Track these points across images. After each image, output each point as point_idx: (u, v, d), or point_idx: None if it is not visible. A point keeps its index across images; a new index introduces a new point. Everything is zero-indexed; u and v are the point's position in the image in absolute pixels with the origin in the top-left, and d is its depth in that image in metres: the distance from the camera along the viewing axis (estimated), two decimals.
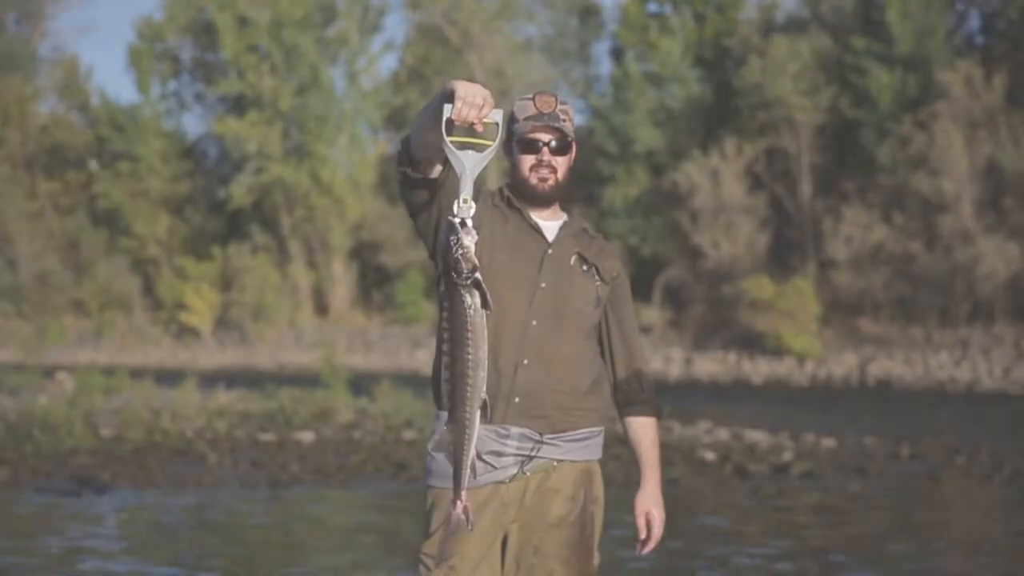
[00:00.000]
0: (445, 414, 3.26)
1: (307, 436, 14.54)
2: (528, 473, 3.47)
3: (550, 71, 50.48)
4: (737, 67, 45.02)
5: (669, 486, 10.98)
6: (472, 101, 3.14)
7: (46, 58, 59.89)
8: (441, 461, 3.41)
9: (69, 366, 30.64)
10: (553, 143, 3.52)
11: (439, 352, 3.34)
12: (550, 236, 3.55)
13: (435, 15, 50.91)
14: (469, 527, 3.23)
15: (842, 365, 39.26)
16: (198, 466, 12.72)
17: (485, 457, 3.39)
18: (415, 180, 3.42)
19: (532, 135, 3.52)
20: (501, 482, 3.45)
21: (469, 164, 3.18)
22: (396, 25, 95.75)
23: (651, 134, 45.91)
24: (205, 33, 53.34)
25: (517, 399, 3.44)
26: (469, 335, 3.12)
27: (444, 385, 3.21)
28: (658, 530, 3.58)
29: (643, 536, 3.58)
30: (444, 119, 3.17)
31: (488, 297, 3.12)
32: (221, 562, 8.34)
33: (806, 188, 43.81)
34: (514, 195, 3.56)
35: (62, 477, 11.80)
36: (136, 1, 77.47)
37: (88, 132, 56.70)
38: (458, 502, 3.20)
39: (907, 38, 41.47)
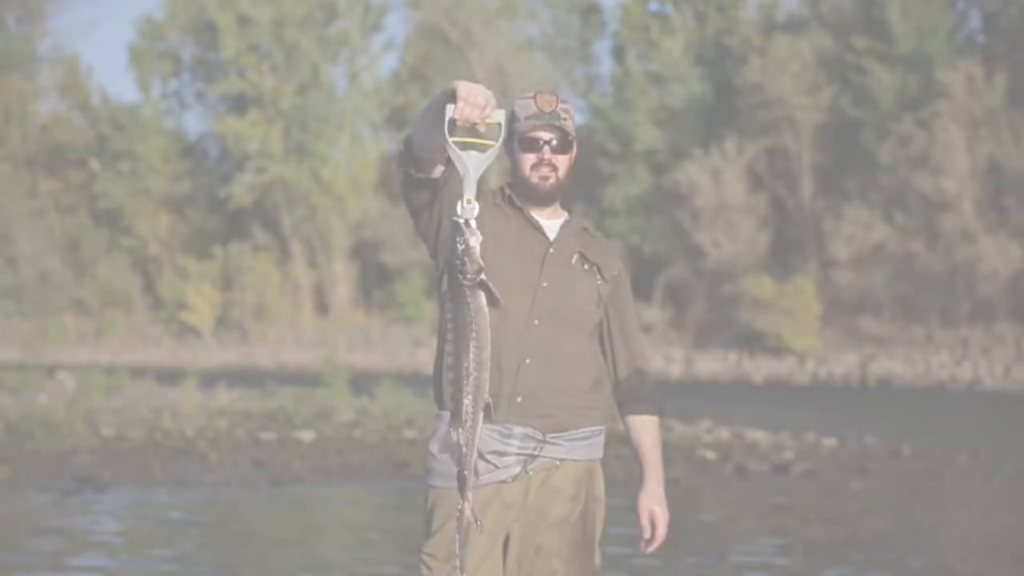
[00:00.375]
0: (446, 414, 3.24)
1: (308, 435, 14.54)
2: (531, 472, 3.46)
3: (551, 70, 50.46)
4: (738, 66, 45.01)
5: (670, 485, 10.96)
6: (474, 101, 3.12)
7: (47, 57, 59.90)
8: (443, 461, 3.40)
9: (70, 365, 30.64)
10: (554, 142, 3.51)
11: (440, 351, 3.32)
12: (551, 235, 3.54)
13: (436, 14, 50.90)
14: (479, 528, 3.21)
15: (843, 364, 39.27)
16: (199, 465, 12.72)
17: (488, 457, 3.38)
18: (417, 180, 3.42)
19: (533, 134, 3.51)
20: (503, 482, 3.44)
21: (472, 165, 3.16)
22: (397, 24, 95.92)
23: (652, 133, 45.91)
24: (206, 32, 53.34)
25: (519, 398, 3.43)
26: (474, 335, 3.10)
27: (447, 385, 3.19)
28: (662, 529, 3.56)
29: (647, 535, 3.57)
30: (446, 119, 3.16)
31: (496, 294, 3.10)
32: (223, 560, 8.34)
33: (807, 187, 43.80)
34: (515, 194, 3.55)
35: (63, 476, 11.80)
36: (137, 0, 77.52)
37: (89, 131, 56.66)
38: (466, 504, 3.17)
39: (908, 37, 41.46)
